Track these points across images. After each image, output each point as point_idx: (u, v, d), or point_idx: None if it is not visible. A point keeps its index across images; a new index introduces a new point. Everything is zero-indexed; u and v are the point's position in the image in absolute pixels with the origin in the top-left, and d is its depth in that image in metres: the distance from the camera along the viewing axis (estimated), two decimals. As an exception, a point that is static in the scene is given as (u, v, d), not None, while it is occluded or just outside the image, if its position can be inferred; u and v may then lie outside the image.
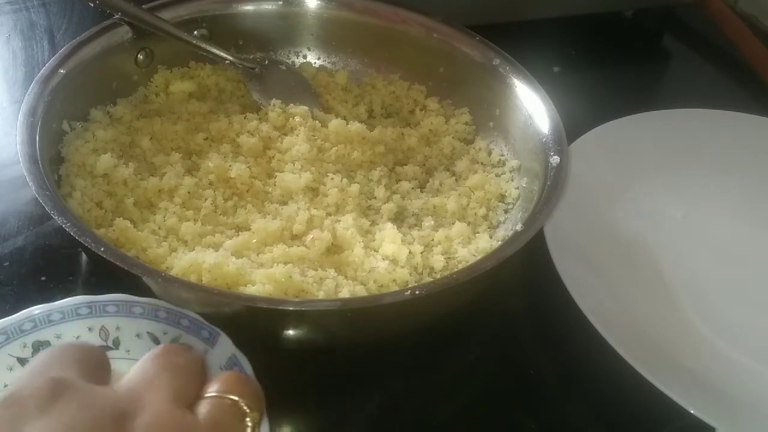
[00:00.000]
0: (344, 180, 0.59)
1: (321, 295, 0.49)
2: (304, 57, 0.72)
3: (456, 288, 0.47)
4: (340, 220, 0.56)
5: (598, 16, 0.91)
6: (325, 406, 0.51)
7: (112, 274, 0.45)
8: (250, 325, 0.47)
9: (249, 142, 0.61)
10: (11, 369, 0.42)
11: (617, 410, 0.53)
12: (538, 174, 0.58)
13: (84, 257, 0.57)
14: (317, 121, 0.64)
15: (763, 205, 0.69)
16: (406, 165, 0.65)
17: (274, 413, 0.39)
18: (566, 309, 0.53)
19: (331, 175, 0.59)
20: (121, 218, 0.53)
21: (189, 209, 0.56)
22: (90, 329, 0.44)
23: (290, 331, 0.49)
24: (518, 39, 0.70)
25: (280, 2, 0.70)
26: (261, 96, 0.66)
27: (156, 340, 0.44)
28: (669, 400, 0.48)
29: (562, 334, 0.58)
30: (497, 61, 0.65)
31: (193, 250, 0.52)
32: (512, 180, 0.63)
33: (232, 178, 0.58)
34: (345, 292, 0.50)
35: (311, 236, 0.54)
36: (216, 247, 0.53)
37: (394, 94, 0.71)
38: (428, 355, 0.55)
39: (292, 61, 0.72)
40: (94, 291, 0.45)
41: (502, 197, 0.62)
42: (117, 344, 0.44)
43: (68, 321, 0.44)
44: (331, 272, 0.52)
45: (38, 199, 0.47)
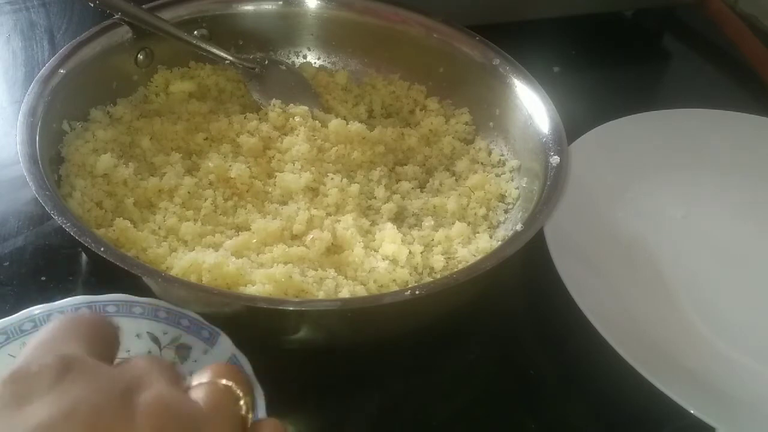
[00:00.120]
0: (344, 180, 0.59)
1: (321, 295, 0.49)
2: (304, 57, 0.72)
3: (456, 288, 0.47)
4: (340, 220, 0.56)
5: (598, 16, 0.91)
6: (325, 406, 0.51)
7: (112, 274, 0.45)
8: (250, 325, 0.47)
9: (249, 142, 0.61)
10: (11, 369, 0.42)
11: (617, 410, 0.53)
12: (538, 174, 0.58)
13: (84, 257, 0.57)
14: (317, 121, 0.64)
15: (763, 205, 0.69)
16: (406, 165, 0.65)
17: (274, 413, 0.39)
18: (566, 309, 0.53)
19: (331, 175, 0.59)
20: (121, 218, 0.53)
21: (189, 209, 0.56)
22: (90, 329, 0.44)
23: (290, 331, 0.49)
24: (518, 39, 0.70)
25: (280, 2, 0.70)
26: (261, 96, 0.66)
27: (156, 340, 0.44)
28: (669, 400, 0.48)
29: (562, 334, 0.58)
30: (497, 61, 0.65)
31: (193, 250, 0.52)
32: (512, 180, 0.63)
33: (232, 178, 0.58)
34: (345, 292, 0.50)
35: (311, 236, 0.54)
36: (216, 247, 0.53)
37: (394, 94, 0.71)
38: (428, 355, 0.55)
39: (292, 61, 0.72)
40: (94, 291, 0.45)
41: (502, 197, 0.62)
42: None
43: (68, 321, 0.44)
44: (331, 272, 0.52)
45: (38, 199, 0.47)
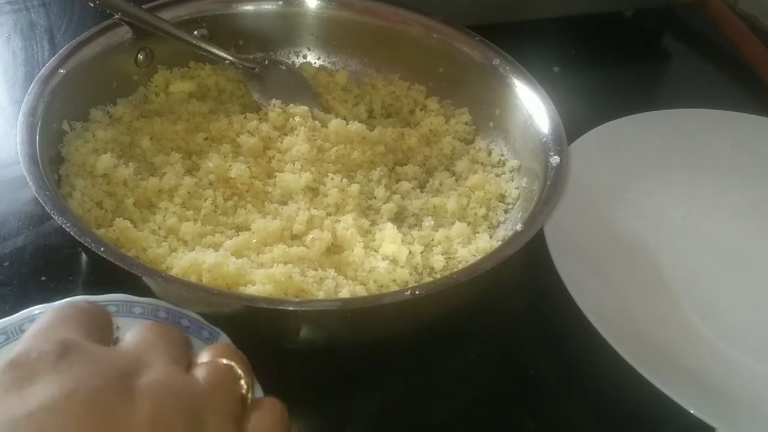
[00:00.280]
0: (344, 180, 0.59)
1: (321, 295, 0.49)
2: (304, 57, 0.72)
3: (456, 288, 0.47)
4: (340, 220, 0.56)
5: (598, 16, 0.91)
6: (325, 406, 0.51)
7: (112, 274, 0.45)
8: (250, 325, 0.47)
9: (249, 142, 0.61)
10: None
11: (617, 410, 0.53)
12: (538, 174, 0.58)
13: (84, 257, 0.57)
14: (317, 121, 0.64)
15: (763, 205, 0.69)
16: (406, 165, 0.65)
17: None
18: (566, 309, 0.53)
19: (331, 175, 0.59)
20: (121, 218, 0.53)
21: (189, 209, 0.56)
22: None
23: (290, 331, 0.49)
24: (518, 39, 0.70)
25: (280, 2, 0.70)
26: (261, 96, 0.66)
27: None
28: (669, 400, 0.48)
29: (562, 334, 0.58)
30: (497, 61, 0.65)
31: (193, 250, 0.52)
32: (512, 180, 0.63)
33: (232, 178, 0.58)
34: (345, 292, 0.50)
35: (311, 236, 0.54)
36: (216, 247, 0.53)
37: (394, 94, 0.71)
38: (428, 355, 0.55)
39: (292, 61, 0.72)
40: (94, 291, 0.45)
41: (502, 197, 0.62)
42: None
43: (68, 321, 0.44)
44: (331, 272, 0.52)
45: (38, 199, 0.47)
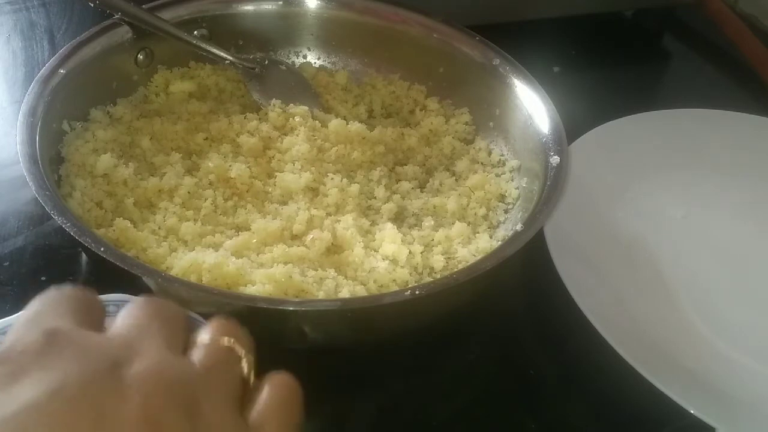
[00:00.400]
0: (344, 180, 0.59)
1: (321, 295, 0.49)
2: (304, 57, 0.72)
3: (456, 288, 0.47)
4: (340, 220, 0.56)
5: (598, 16, 0.91)
6: (325, 406, 0.51)
7: (112, 274, 0.45)
8: (250, 325, 0.47)
9: (249, 142, 0.61)
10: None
11: (617, 410, 0.53)
12: (538, 174, 0.58)
13: (84, 257, 0.57)
14: (317, 121, 0.64)
15: (763, 205, 0.69)
16: (406, 165, 0.65)
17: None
18: (566, 309, 0.53)
19: (331, 175, 0.59)
20: (121, 218, 0.53)
21: (189, 209, 0.56)
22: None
23: (290, 331, 0.49)
24: (518, 39, 0.70)
25: (280, 2, 0.70)
26: (261, 96, 0.66)
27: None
28: (669, 400, 0.48)
29: (562, 334, 0.58)
30: (497, 61, 0.65)
31: (193, 250, 0.52)
32: (512, 180, 0.63)
33: (232, 178, 0.58)
34: (345, 292, 0.50)
35: (311, 236, 0.54)
36: (216, 247, 0.53)
37: (394, 94, 0.71)
38: (428, 355, 0.55)
39: (292, 61, 0.72)
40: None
41: (502, 197, 0.62)
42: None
43: (68, 321, 0.44)
44: (331, 272, 0.52)
45: (38, 199, 0.47)
